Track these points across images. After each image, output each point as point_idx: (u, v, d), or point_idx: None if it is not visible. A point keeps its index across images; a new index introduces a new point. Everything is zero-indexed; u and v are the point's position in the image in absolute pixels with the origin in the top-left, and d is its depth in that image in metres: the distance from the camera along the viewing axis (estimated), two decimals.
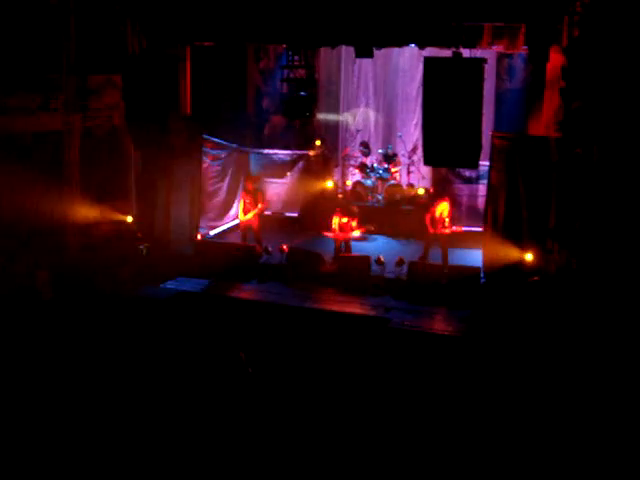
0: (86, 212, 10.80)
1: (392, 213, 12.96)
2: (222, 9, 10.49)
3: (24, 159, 10.01)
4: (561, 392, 7.40)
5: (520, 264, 9.78)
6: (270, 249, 11.17)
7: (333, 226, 11.12)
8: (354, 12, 10.16)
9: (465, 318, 9.51)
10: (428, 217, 10.86)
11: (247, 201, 11.51)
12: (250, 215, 11.49)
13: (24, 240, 9.90)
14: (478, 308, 9.65)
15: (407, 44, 10.56)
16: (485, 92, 10.27)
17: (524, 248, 9.83)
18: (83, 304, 9.61)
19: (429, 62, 10.00)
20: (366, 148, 13.66)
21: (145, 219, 11.34)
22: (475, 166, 10.65)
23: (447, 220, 10.83)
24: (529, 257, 9.73)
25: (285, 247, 11.00)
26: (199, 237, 11.70)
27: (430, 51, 10.39)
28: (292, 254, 10.96)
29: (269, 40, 11.67)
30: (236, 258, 11.00)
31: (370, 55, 10.64)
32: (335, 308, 9.93)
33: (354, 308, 9.90)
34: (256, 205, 11.51)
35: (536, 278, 9.42)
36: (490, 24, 9.77)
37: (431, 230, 10.84)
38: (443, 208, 10.85)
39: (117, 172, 10.97)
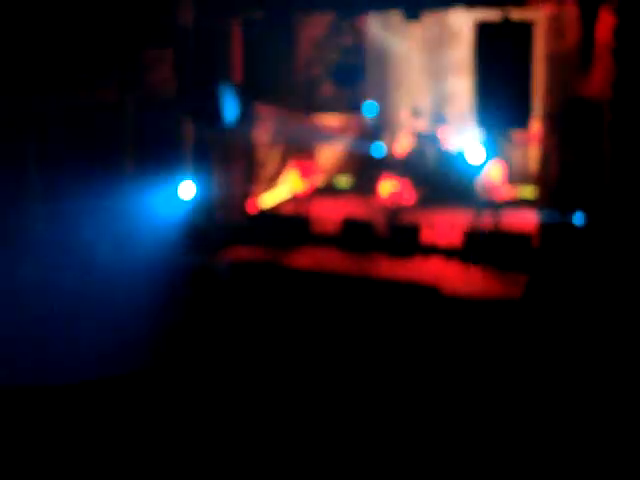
0: (141, 183, 11.01)
1: (443, 178, 12.95)
2: None
3: (86, 131, 10.24)
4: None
5: (572, 227, 9.77)
6: (323, 218, 11.29)
7: (382, 190, 11.20)
8: None
9: (521, 281, 9.55)
10: (484, 180, 10.89)
11: (301, 170, 11.62)
12: (306, 184, 11.60)
13: None
14: (534, 271, 9.68)
15: (455, 6, 10.50)
16: (536, 53, 10.25)
17: (578, 209, 9.81)
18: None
19: (478, 26, 9.98)
20: (416, 113, 13.65)
21: (200, 191, 11.54)
22: (527, 128, 10.65)
23: (499, 181, 10.86)
24: (582, 219, 9.72)
25: (338, 215, 11.12)
26: (252, 208, 11.86)
27: (479, 12, 10.34)
28: (345, 222, 11.07)
29: (317, 8, 11.70)
30: (290, 228, 11.15)
31: (418, 18, 10.63)
32: (386, 275, 10.03)
33: (406, 275, 10.00)
34: (310, 173, 11.62)
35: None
36: None
37: (483, 191, 10.88)
38: (497, 170, 10.87)
39: (172, 145, 11.14)
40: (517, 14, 10.14)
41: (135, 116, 10.92)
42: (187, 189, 11.40)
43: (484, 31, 9.99)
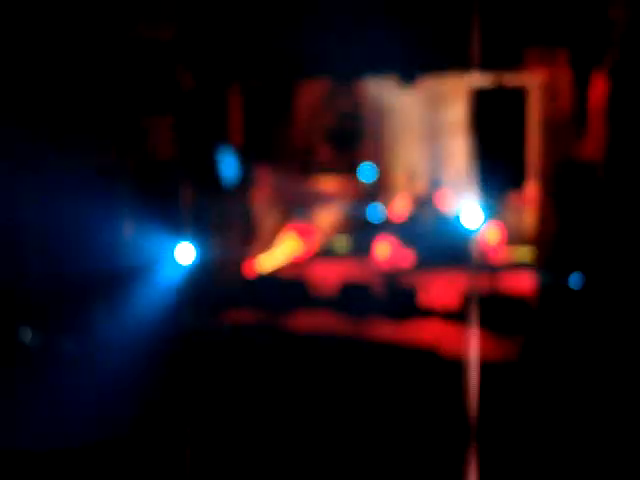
0: (139, 248, 11.03)
1: (440, 241, 13.00)
2: (268, 48, 10.74)
3: (84, 195, 10.30)
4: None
5: (570, 289, 9.79)
6: (321, 280, 11.32)
7: (379, 252, 11.26)
8: (396, 42, 10.32)
9: (519, 343, 9.54)
10: (481, 242, 10.96)
11: (299, 234, 11.69)
12: (305, 248, 11.67)
13: None
14: (531, 330, 9.67)
15: (451, 71, 10.66)
16: (530, 118, 10.40)
17: (576, 271, 9.84)
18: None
19: (472, 92, 10.13)
20: (413, 176, 13.79)
21: (198, 254, 11.56)
22: (522, 190, 10.77)
23: (498, 244, 10.92)
24: (578, 279, 9.75)
25: (336, 278, 11.15)
26: (250, 271, 11.89)
27: (473, 77, 10.49)
28: (344, 285, 11.09)
29: (314, 74, 11.87)
30: (287, 291, 11.18)
31: (413, 82, 10.80)
32: (386, 338, 10.02)
33: (405, 337, 9.98)
34: (309, 237, 11.68)
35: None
36: (533, 49, 9.85)
37: (482, 254, 10.93)
38: (494, 233, 10.94)
39: (170, 208, 11.20)
40: (511, 79, 10.30)
41: (134, 179, 11.00)
42: (186, 252, 11.42)
43: (479, 94, 10.16)
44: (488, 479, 6.45)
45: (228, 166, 11.36)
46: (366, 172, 13.75)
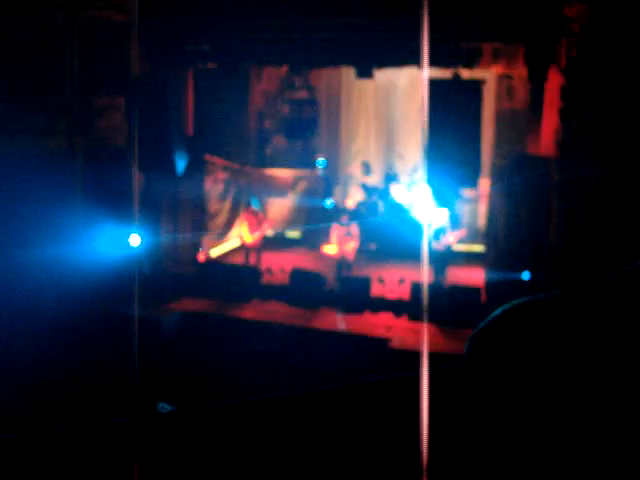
0: (89, 234, 10.85)
1: (393, 232, 13.01)
2: (223, 32, 10.64)
3: (30, 180, 10.11)
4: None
5: (520, 283, 9.85)
6: (272, 269, 11.26)
7: (333, 238, 11.24)
8: (355, 34, 10.29)
9: (467, 337, 9.54)
10: (431, 235, 10.96)
11: (250, 222, 11.63)
12: (255, 236, 11.62)
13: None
14: (479, 327, 9.68)
15: (407, 65, 10.64)
16: (485, 112, 10.44)
17: (524, 268, 9.90)
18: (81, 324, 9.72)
19: (429, 83, 10.10)
20: (367, 168, 13.77)
21: (149, 239, 11.42)
22: (475, 186, 10.80)
23: (452, 239, 10.93)
24: (529, 276, 9.80)
25: (287, 267, 11.10)
26: (202, 257, 11.79)
27: (430, 71, 10.49)
28: (294, 274, 11.04)
29: (270, 62, 11.79)
30: (239, 278, 11.10)
31: (371, 76, 10.77)
32: (336, 328, 10.00)
33: (355, 327, 9.97)
34: (259, 226, 11.63)
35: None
36: (489, 45, 9.88)
37: (433, 248, 10.94)
38: (446, 227, 10.96)
39: (121, 193, 11.03)
40: (468, 74, 10.32)
41: (84, 164, 10.82)
42: (136, 238, 11.27)
43: (435, 88, 10.11)
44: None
45: (180, 153, 11.23)
46: (320, 164, 13.71)
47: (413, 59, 10.24)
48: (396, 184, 13.46)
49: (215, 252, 12.65)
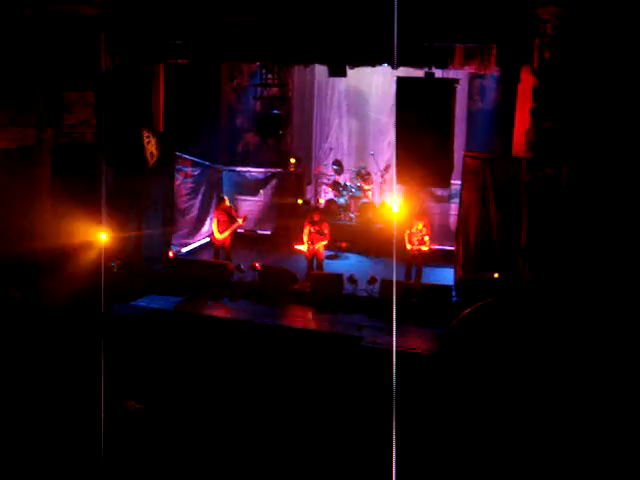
0: (57, 229, 10.70)
1: (364, 231, 12.98)
2: (196, 27, 10.54)
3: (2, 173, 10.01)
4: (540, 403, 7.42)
5: (491, 283, 9.85)
6: (242, 267, 11.17)
7: (304, 236, 11.18)
8: (327, 31, 10.23)
9: (437, 336, 9.53)
10: (406, 235, 10.92)
11: (221, 219, 11.55)
12: (226, 234, 11.53)
13: None
14: (449, 326, 9.67)
15: (380, 64, 10.57)
16: (457, 112, 10.42)
17: (495, 267, 9.91)
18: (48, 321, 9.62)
19: (401, 82, 10.04)
20: (339, 166, 13.72)
21: (117, 236, 11.29)
22: (447, 185, 10.78)
23: (427, 239, 10.90)
24: (499, 276, 9.80)
25: (257, 265, 11.02)
26: (171, 254, 11.68)
27: (403, 71, 10.43)
28: (264, 272, 10.97)
29: (242, 58, 11.68)
30: (208, 276, 11.01)
31: (343, 74, 10.71)
32: (307, 326, 9.96)
33: (326, 326, 9.92)
34: (230, 223, 11.54)
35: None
36: (462, 45, 9.86)
37: (408, 248, 10.89)
38: (421, 226, 10.92)
39: (89, 189, 10.90)
40: (440, 73, 10.30)
41: (53, 158, 10.68)
42: (104, 235, 11.14)
43: (407, 87, 10.09)
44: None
45: (150, 149, 11.10)
46: (292, 160, 13.62)
47: (386, 58, 10.21)
48: (369, 181, 13.42)
49: (184, 249, 12.55)
